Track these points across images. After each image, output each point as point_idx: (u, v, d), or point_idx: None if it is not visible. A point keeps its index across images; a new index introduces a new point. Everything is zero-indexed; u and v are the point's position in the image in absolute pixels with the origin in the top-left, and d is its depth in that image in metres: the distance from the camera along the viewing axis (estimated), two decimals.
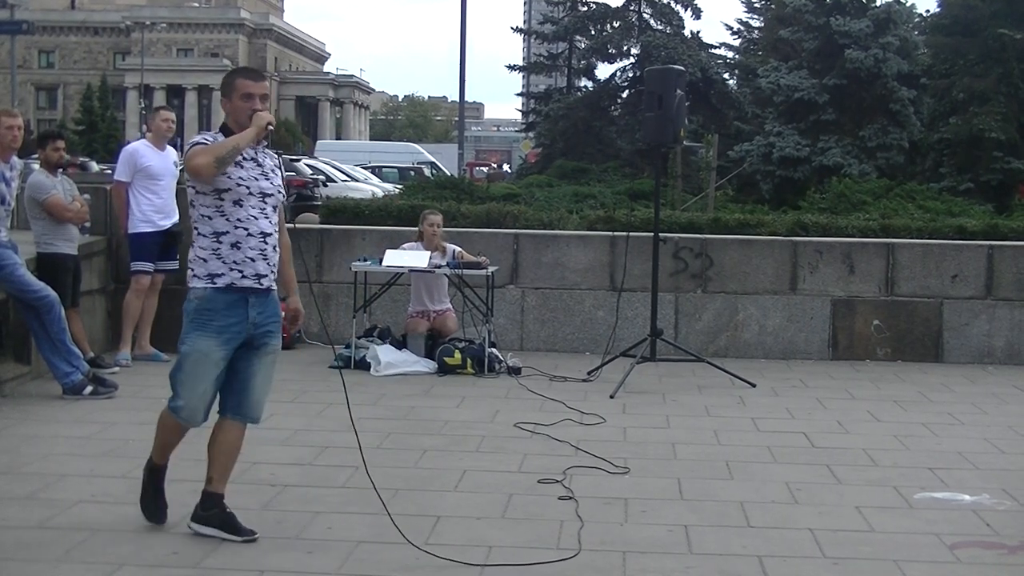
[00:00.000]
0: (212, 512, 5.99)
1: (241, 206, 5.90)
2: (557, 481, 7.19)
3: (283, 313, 6.21)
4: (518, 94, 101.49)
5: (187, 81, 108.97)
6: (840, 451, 8.24)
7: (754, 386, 10.59)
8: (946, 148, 34.34)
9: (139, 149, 11.28)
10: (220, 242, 5.88)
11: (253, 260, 5.91)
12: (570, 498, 6.84)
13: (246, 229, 5.89)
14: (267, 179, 6.01)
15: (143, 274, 11.12)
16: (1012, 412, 9.83)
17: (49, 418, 8.75)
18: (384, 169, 48.44)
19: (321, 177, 35.42)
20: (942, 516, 6.69)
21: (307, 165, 37.81)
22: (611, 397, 9.97)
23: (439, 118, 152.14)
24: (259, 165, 6.01)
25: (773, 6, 48.79)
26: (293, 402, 9.52)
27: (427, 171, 44.51)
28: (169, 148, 11.46)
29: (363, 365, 10.99)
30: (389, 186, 38.38)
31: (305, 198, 29.07)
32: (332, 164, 41.82)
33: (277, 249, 6.03)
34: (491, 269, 11.49)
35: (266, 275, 5.97)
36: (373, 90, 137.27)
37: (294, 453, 7.79)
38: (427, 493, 6.95)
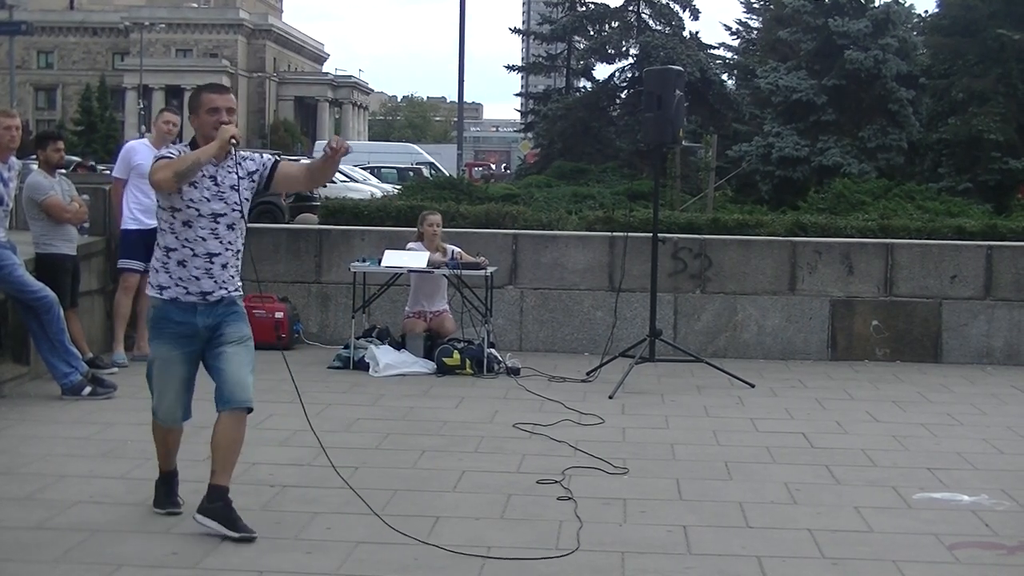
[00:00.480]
0: (216, 505, 6.02)
1: (190, 227, 6.01)
2: (556, 481, 7.19)
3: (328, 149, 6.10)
4: (517, 94, 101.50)
5: (186, 81, 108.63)
6: (839, 451, 8.24)
7: (753, 386, 10.59)
8: (945, 148, 34.35)
9: (135, 147, 11.34)
10: (169, 257, 6.07)
11: (198, 279, 6.05)
12: (569, 498, 6.84)
13: (192, 250, 6.02)
14: (222, 199, 6.05)
15: (130, 272, 11.10)
16: (1011, 412, 9.83)
17: (48, 419, 8.75)
18: (383, 170, 48.43)
19: None
20: (941, 516, 6.69)
21: None
22: (610, 397, 9.97)
23: (438, 119, 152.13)
24: (216, 184, 6.05)
25: (772, 7, 48.77)
26: (291, 403, 9.45)
27: (426, 172, 44.51)
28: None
29: (362, 366, 10.99)
30: (388, 187, 38.40)
31: (304, 198, 29.05)
32: None
33: (228, 266, 6.13)
34: (490, 269, 11.49)
35: (212, 291, 6.09)
36: (372, 90, 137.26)
37: (293, 454, 7.79)
38: (426, 493, 6.94)
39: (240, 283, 6.27)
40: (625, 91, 51.42)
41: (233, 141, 5.97)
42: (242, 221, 6.18)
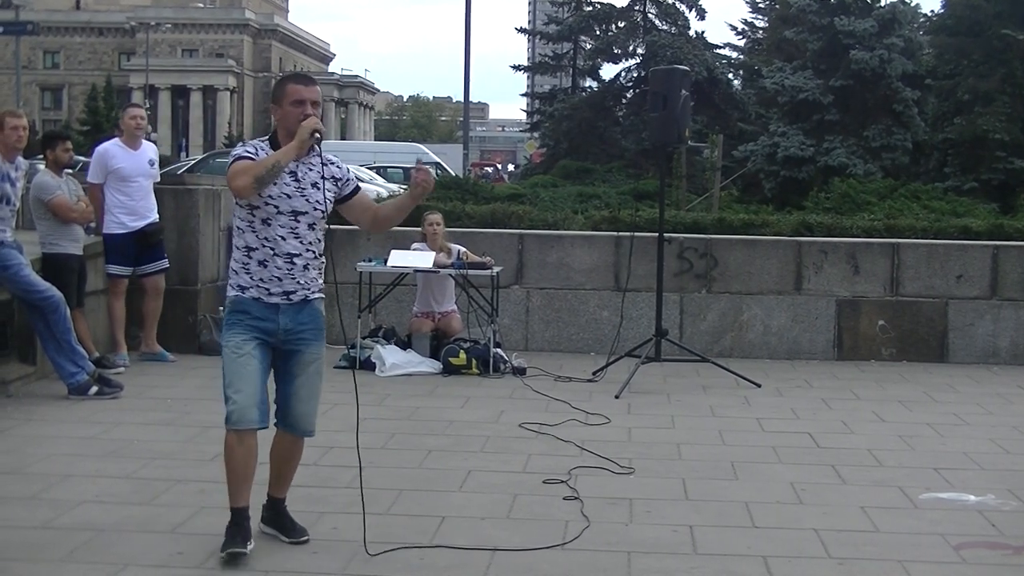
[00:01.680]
0: (272, 514, 6.05)
1: (269, 225, 5.70)
2: (562, 481, 7.19)
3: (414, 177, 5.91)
4: (523, 94, 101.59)
5: (192, 81, 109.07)
6: (845, 451, 8.23)
7: (759, 386, 10.59)
8: (950, 148, 34.33)
9: (109, 150, 11.11)
10: (250, 257, 5.75)
11: (280, 279, 5.75)
12: (575, 498, 6.84)
13: (272, 249, 5.72)
14: (303, 196, 5.74)
15: (117, 277, 11.06)
16: (1017, 412, 9.82)
17: (54, 418, 8.76)
18: (389, 169, 48.35)
19: None
20: (947, 516, 6.68)
21: None
22: (616, 397, 9.97)
23: (444, 118, 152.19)
24: (297, 180, 5.74)
25: (777, 6, 48.83)
26: None
27: (432, 171, 44.46)
28: (146, 145, 11.30)
29: (368, 365, 10.99)
30: (394, 186, 38.26)
31: None
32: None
33: (309, 267, 5.80)
34: (496, 269, 11.49)
35: (294, 291, 5.78)
36: (378, 90, 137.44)
37: None
38: (432, 493, 6.94)
39: (323, 284, 5.97)
40: (631, 91, 51.46)
41: (316, 136, 5.70)
42: (322, 221, 5.86)
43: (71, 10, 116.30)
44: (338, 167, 5.95)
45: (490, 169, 65.64)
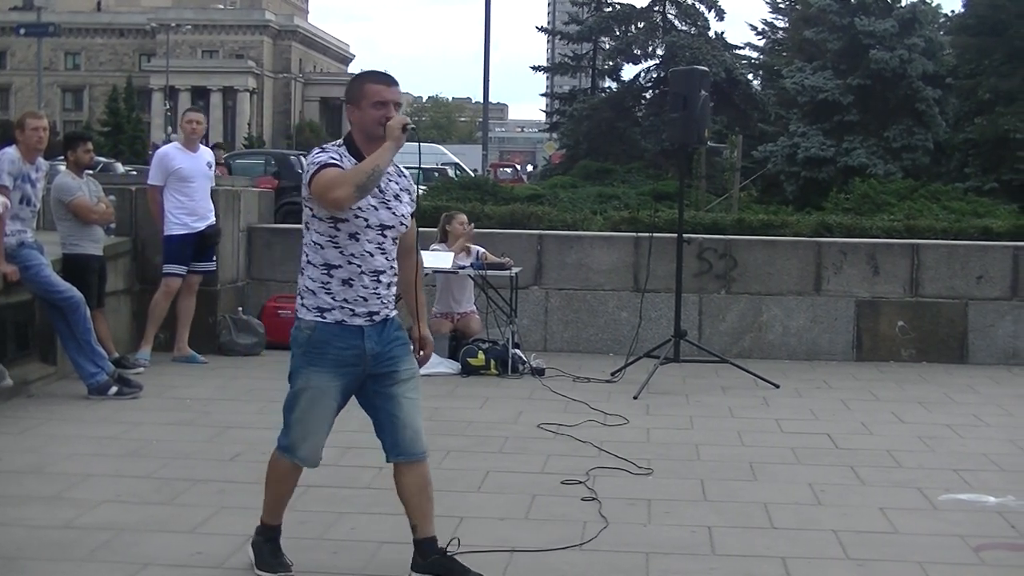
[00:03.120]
0: (432, 559, 5.47)
1: (357, 240, 5.23)
2: (580, 482, 7.19)
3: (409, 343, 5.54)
4: (542, 95, 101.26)
5: (212, 83, 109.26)
6: (864, 452, 8.21)
7: (778, 387, 10.57)
8: (971, 148, 34.28)
9: (169, 152, 11.35)
10: (331, 276, 5.27)
11: (366, 299, 5.29)
12: (593, 499, 6.84)
13: (359, 266, 5.25)
14: (388, 207, 5.29)
15: (174, 276, 11.18)
16: None
17: (74, 418, 8.79)
18: (408, 170, 48.42)
19: None
20: (967, 518, 6.66)
21: None
22: (634, 398, 9.96)
23: (463, 119, 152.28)
24: (381, 191, 5.27)
25: (798, 6, 48.77)
26: None
27: (451, 172, 44.56)
28: (203, 149, 11.51)
29: None
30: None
31: None
32: None
33: (393, 285, 5.41)
34: (515, 270, 11.50)
35: (379, 311, 5.33)
36: None
37: None
38: (450, 494, 6.95)
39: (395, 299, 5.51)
40: (650, 91, 51.46)
41: (408, 129, 5.21)
42: (414, 224, 5.50)
43: (92, 11, 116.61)
44: (409, 180, 5.53)
45: (509, 170, 65.65)
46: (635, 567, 5.72)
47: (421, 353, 5.61)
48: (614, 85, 54.28)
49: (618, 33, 53.49)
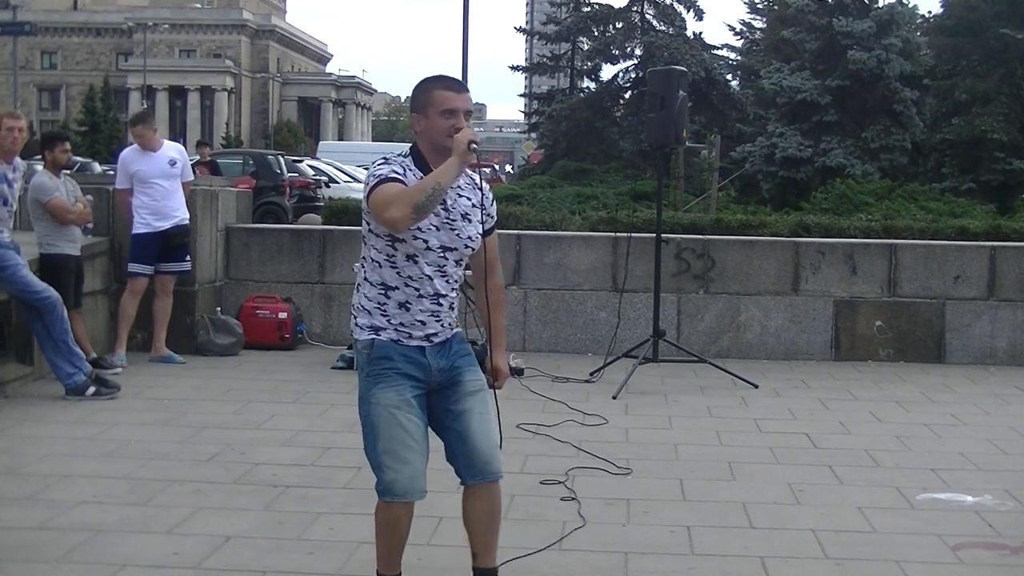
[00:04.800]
0: None
1: (415, 262, 4.83)
2: (559, 482, 7.19)
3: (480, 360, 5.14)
4: (521, 95, 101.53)
5: (189, 82, 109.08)
6: (842, 452, 8.23)
7: (756, 387, 10.59)
8: (948, 149, 34.42)
9: (127, 155, 11.42)
10: (388, 297, 4.86)
11: (424, 323, 4.88)
12: (572, 499, 6.84)
13: (417, 290, 4.85)
14: (452, 228, 4.85)
15: (138, 276, 11.15)
16: (1014, 413, 9.81)
17: (51, 419, 8.75)
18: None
19: (323, 178, 35.41)
20: (944, 517, 6.68)
21: (309, 166, 37.77)
22: (613, 398, 9.96)
23: None
24: (447, 209, 4.83)
25: (775, 7, 48.89)
26: (295, 403, 9.52)
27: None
28: (165, 147, 11.46)
29: None
30: None
31: (307, 199, 29.10)
32: (334, 165, 41.77)
33: (453, 307, 5.01)
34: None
35: (436, 333, 4.92)
36: (375, 91, 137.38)
37: (296, 454, 7.79)
38: (429, 494, 6.89)
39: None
40: (629, 92, 51.52)
41: (473, 147, 4.71)
42: (494, 236, 5.11)
43: (68, 11, 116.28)
44: (487, 197, 4.99)
45: (488, 170, 65.60)
46: (614, 567, 5.72)
47: (495, 383, 5.17)
48: (592, 85, 54.37)
49: (596, 33, 53.56)
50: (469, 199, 4.93)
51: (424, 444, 4.90)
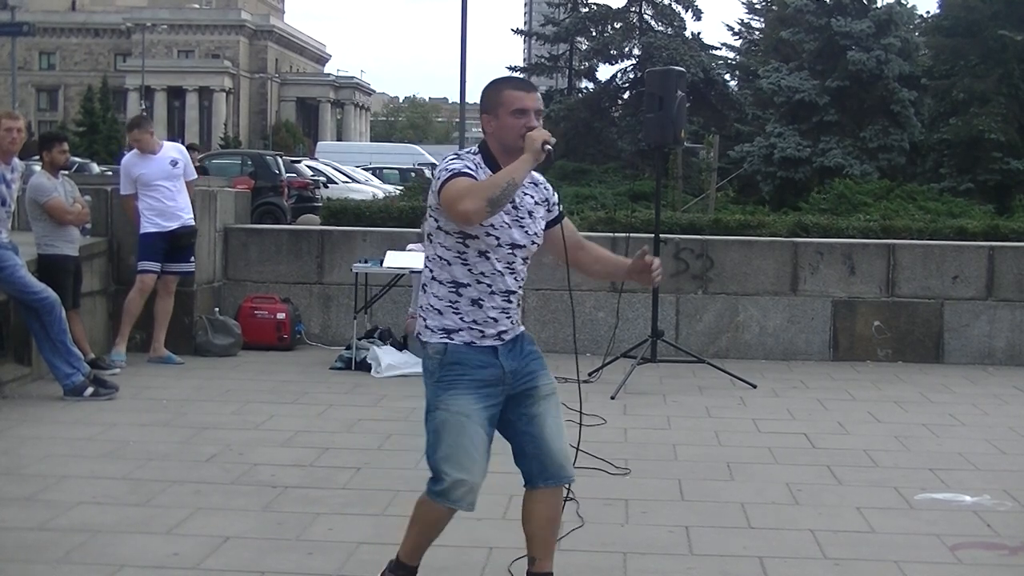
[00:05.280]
0: None
1: (487, 258, 4.82)
2: None
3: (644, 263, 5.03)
4: None
5: (188, 83, 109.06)
6: (841, 452, 8.23)
7: (755, 387, 10.59)
8: (947, 149, 34.43)
9: (128, 161, 11.45)
10: (459, 295, 4.83)
11: (496, 320, 4.87)
12: (571, 499, 6.81)
13: (489, 286, 4.84)
14: (521, 226, 4.87)
15: (147, 273, 11.16)
16: (1013, 413, 9.82)
17: (49, 419, 8.75)
18: (385, 170, 48.45)
19: (322, 178, 35.44)
20: (943, 517, 6.68)
21: (308, 167, 37.82)
22: (612, 398, 9.96)
23: (440, 119, 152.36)
24: (515, 207, 4.85)
25: (774, 7, 48.90)
26: (294, 403, 9.52)
27: (428, 172, 44.58)
28: (166, 147, 11.46)
29: (364, 367, 10.99)
30: (390, 187, 38.42)
31: (306, 199, 29.11)
32: (333, 165, 41.84)
33: (519, 303, 5.00)
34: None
35: (507, 330, 4.93)
36: (374, 91, 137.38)
37: (294, 454, 7.79)
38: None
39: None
40: (627, 92, 51.49)
41: (547, 148, 4.78)
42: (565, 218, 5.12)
43: (67, 11, 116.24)
44: (546, 188, 5.10)
45: None
46: (613, 567, 5.72)
47: (655, 264, 5.07)
48: (591, 86, 54.31)
49: (594, 34, 53.51)
50: (532, 197, 4.98)
51: (485, 457, 4.88)
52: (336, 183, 37.05)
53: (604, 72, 53.69)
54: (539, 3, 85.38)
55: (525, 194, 4.93)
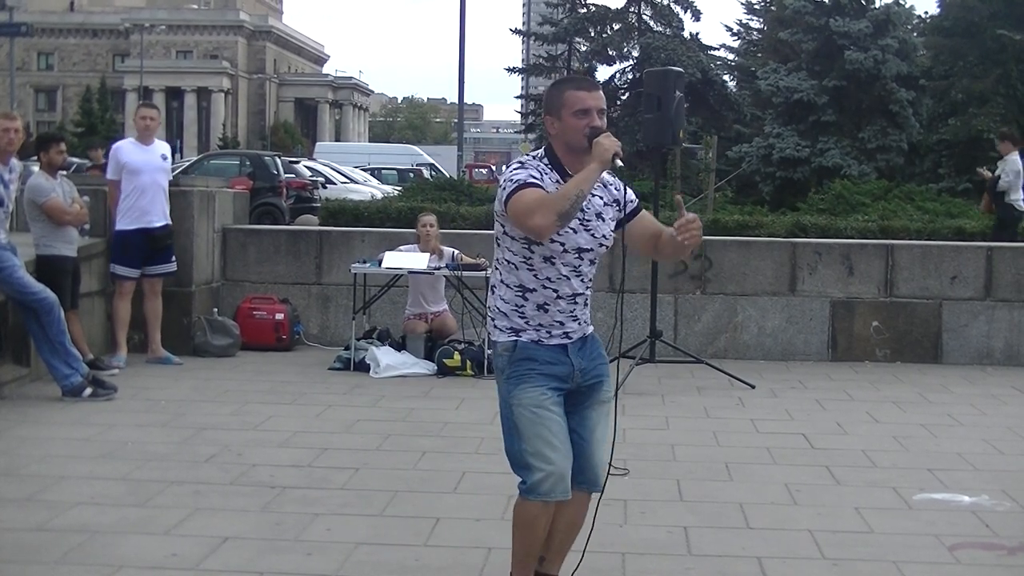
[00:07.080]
0: None
1: (552, 264, 4.80)
2: None
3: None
4: (517, 96, 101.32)
5: (186, 83, 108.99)
6: (839, 452, 8.24)
7: (753, 387, 10.59)
8: (945, 149, 34.41)
9: (122, 146, 11.40)
10: (526, 299, 4.84)
11: (562, 323, 4.88)
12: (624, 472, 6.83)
13: (555, 291, 4.83)
14: (587, 229, 4.80)
15: (124, 279, 11.12)
16: (1011, 413, 9.83)
17: (48, 420, 8.75)
18: (383, 171, 48.43)
19: (320, 179, 35.42)
20: (941, 517, 6.68)
21: (306, 167, 37.79)
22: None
23: (438, 120, 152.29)
24: (582, 210, 4.76)
25: (773, 7, 48.86)
26: (292, 404, 9.52)
27: (426, 173, 44.57)
28: (157, 143, 11.41)
29: (362, 367, 10.99)
30: (388, 188, 38.39)
31: (304, 200, 29.11)
32: (331, 166, 41.78)
33: (587, 304, 5.01)
34: (490, 270, 11.47)
35: (575, 330, 4.94)
36: (372, 92, 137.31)
37: (293, 455, 7.78)
38: (426, 495, 6.94)
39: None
40: (625, 93, 51.43)
41: (617, 159, 4.67)
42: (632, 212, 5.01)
43: (65, 12, 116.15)
44: (616, 188, 5.00)
45: (484, 171, 65.70)
46: (611, 567, 5.72)
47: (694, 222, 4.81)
48: None
49: (593, 34, 53.44)
50: (601, 198, 4.91)
51: (567, 443, 4.82)
52: (334, 184, 37.01)
53: (603, 73, 53.63)
54: (537, 3, 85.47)
55: (593, 196, 4.84)
